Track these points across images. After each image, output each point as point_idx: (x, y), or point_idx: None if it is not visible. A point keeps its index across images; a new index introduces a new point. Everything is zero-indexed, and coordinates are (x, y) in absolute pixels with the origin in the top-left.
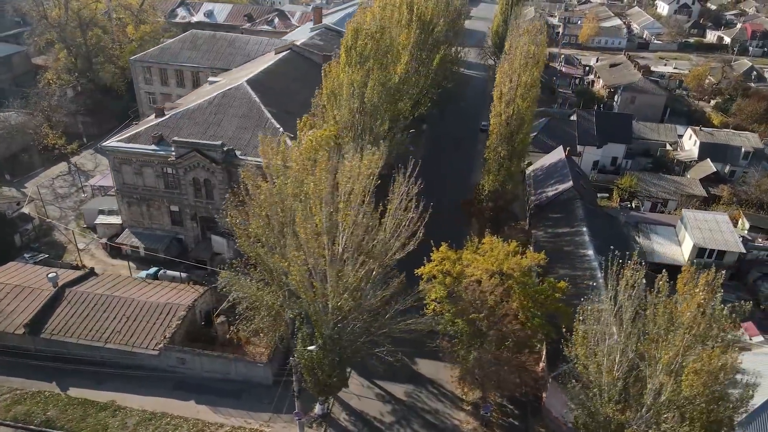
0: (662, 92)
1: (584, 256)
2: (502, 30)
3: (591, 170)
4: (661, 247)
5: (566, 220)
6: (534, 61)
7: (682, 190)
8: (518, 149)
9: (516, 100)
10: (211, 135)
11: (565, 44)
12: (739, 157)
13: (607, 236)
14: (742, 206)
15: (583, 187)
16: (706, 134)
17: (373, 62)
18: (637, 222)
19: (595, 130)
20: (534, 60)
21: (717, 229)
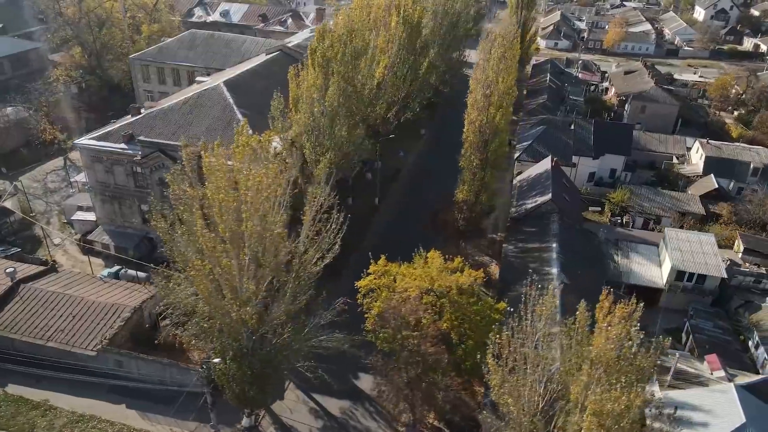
0: (674, 102)
1: (547, 274)
2: None
3: (587, 182)
4: (640, 268)
5: (539, 235)
6: (507, 67)
7: (679, 206)
8: (492, 159)
9: (488, 108)
10: (180, 135)
11: (589, 49)
12: (747, 173)
13: (580, 254)
14: (743, 226)
15: (566, 201)
16: (713, 148)
17: (336, 65)
18: (617, 239)
19: (592, 140)
20: (507, 66)
21: (699, 251)
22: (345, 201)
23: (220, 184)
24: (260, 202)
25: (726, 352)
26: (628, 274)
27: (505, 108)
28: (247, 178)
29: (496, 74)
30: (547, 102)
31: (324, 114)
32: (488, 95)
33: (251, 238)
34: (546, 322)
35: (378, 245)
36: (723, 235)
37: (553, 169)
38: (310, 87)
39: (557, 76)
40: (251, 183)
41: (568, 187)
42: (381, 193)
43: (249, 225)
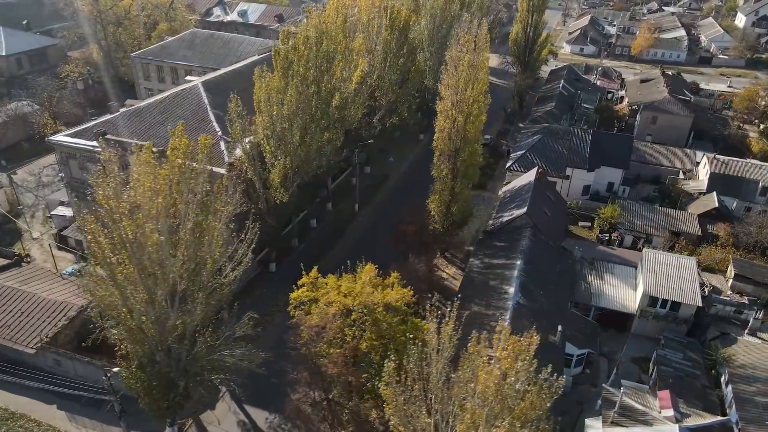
0: (688, 113)
1: (504, 293)
2: (521, 39)
3: (581, 195)
4: (613, 290)
5: (506, 251)
6: (477, 74)
7: (674, 225)
8: (462, 168)
9: (457, 116)
10: (151, 134)
11: (617, 56)
12: (756, 192)
13: (547, 273)
14: (741, 250)
15: (546, 215)
16: (719, 163)
17: (298, 67)
18: (593, 259)
19: (588, 151)
20: (476, 73)
21: (676, 276)
22: (324, 206)
23: (146, 187)
24: (155, 209)
25: (691, 387)
26: (599, 296)
27: (475, 116)
28: (139, 184)
29: (465, 81)
30: (554, 110)
31: (282, 118)
32: (457, 103)
33: (143, 246)
34: (443, 350)
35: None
36: (716, 258)
37: (536, 181)
38: (269, 89)
39: (572, 83)
40: (142, 189)
41: (553, 200)
42: (364, 199)
43: (140, 232)
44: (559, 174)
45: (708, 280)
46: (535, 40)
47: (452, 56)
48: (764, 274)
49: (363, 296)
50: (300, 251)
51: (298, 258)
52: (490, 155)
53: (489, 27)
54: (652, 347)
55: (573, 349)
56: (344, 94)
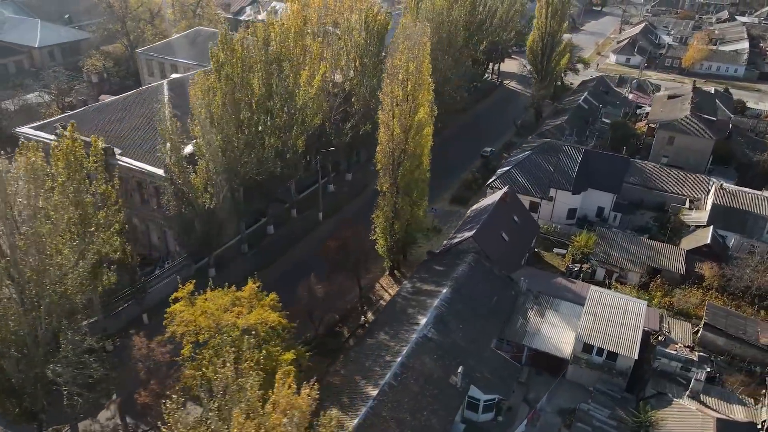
0: (710, 135)
1: (414, 324)
2: (538, 47)
3: (566, 219)
4: (550, 330)
5: (441, 276)
6: (416, 81)
7: (657, 261)
8: (401, 184)
9: (395, 128)
10: (108, 131)
11: (666, 68)
12: (764, 229)
13: (480, 305)
14: (726, 295)
15: (501, 240)
16: (725, 194)
17: (230, 69)
18: (539, 292)
19: (576, 171)
20: (415, 80)
21: (618, 321)
22: (289, 213)
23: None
24: None
25: None
26: (533, 335)
27: (416, 129)
28: None
29: (404, 91)
30: (564, 124)
31: (209, 120)
32: (396, 114)
33: None
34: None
35: (295, 264)
36: (692, 302)
37: (500, 201)
38: (197, 93)
39: (597, 96)
40: None
41: (518, 223)
42: (335, 207)
43: None
44: (543, 194)
45: (670, 327)
46: (553, 48)
47: (392, 64)
48: (740, 326)
49: (215, 318)
50: (248, 258)
51: (243, 264)
52: (485, 168)
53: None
54: (585, 398)
55: (479, 393)
56: (301, 99)
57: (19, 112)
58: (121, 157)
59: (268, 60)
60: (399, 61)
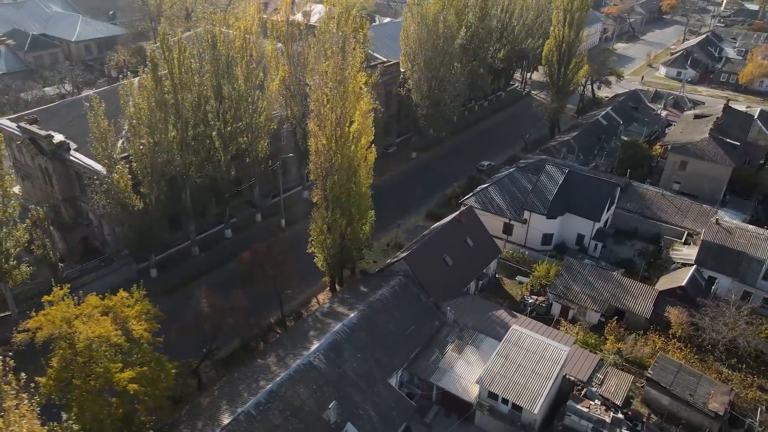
0: (728, 162)
1: (305, 348)
2: (553, 56)
3: (541, 245)
4: (464, 369)
5: (360, 297)
6: (341, 89)
7: (621, 300)
8: (330, 197)
9: (320, 138)
10: (70, 128)
11: (721, 84)
12: (759, 274)
13: (390, 334)
14: (691, 347)
15: (443, 264)
16: (721, 230)
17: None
18: (464, 325)
19: (554, 193)
20: (345, 87)
21: (529, 367)
22: (253, 218)
23: None
24: None
25: None
26: (443, 373)
27: (343, 139)
28: None
29: (330, 99)
30: (572, 141)
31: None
32: (322, 126)
33: None
34: None
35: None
36: (645, 352)
37: (453, 221)
38: (125, 93)
39: (624, 112)
40: None
41: (471, 246)
42: (305, 214)
43: None
44: (516, 216)
45: (607, 378)
46: (570, 58)
47: (318, 71)
48: (690, 386)
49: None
50: (198, 260)
51: (189, 267)
52: (471, 184)
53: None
54: None
55: None
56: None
57: (32, 104)
58: (74, 153)
59: (216, 61)
60: (325, 68)
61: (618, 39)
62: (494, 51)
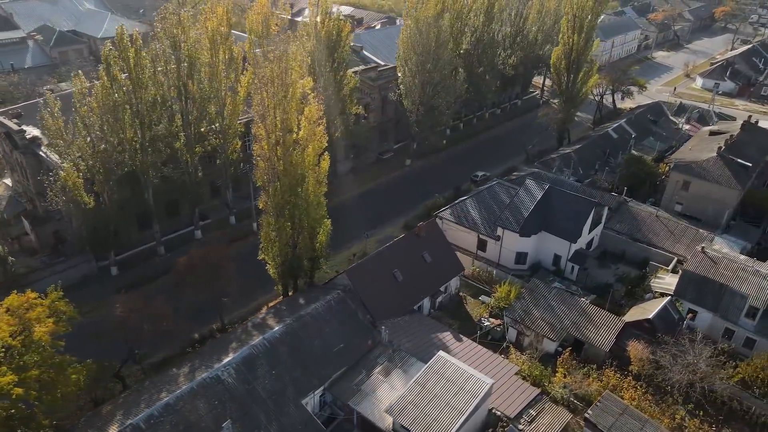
0: (735, 185)
1: (215, 362)
2: (562, 64)
3: (514, 264)
4: (387, 394)
5: (293, 310)
6: (287, 93)
7: (581, 330)
8: (274, 205)
9: (263, 144)
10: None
11: (762, 97)
12: (742, 311)
13: (312, 352)
14: (647, 388)
15: (392, 279)
16: (704, 260)
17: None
18: (397, 347)
19: (531, 210)
20: (286, 92)
21: (445, 400)
22: (227, 219)
23: None
24: None
25: None
26: (363, 397)
27: (284, 148)
28: None
29: (275, 104)
30: (572, 154)
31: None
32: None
33: None
34: None
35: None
36: (593, 389)
37: (411, 234)
38: (79, 92)
39: (640, 125)
40: None
41: (428, 262)
42: None
43: None
44: (489, 233)
45: (541, 414)
46: (579, 66)
47: (259, 75)
48: (633, 430)
49: None
50: (163, 260)
51: (152, 267)
52: (456, 195)
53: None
54: None
55: None
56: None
57: None
58: (45, 149)
59: (177, 61)
60: (268, 72)
61: (659, 47)
62: (504, 57)
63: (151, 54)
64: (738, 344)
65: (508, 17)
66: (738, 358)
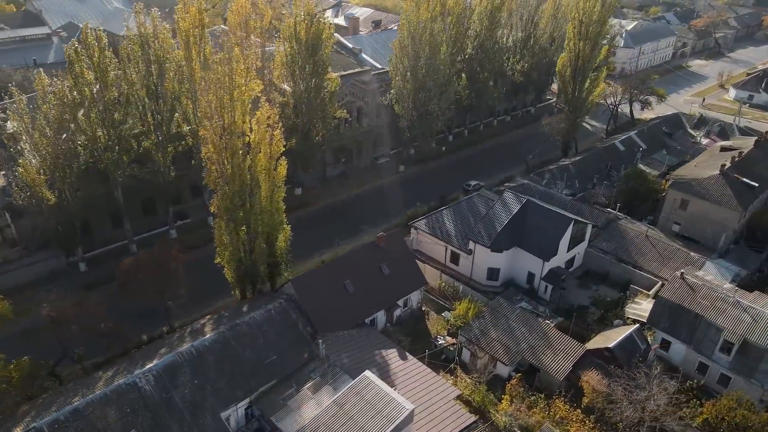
0: (735, 206)
1: (142, 365)
2: (567, 72)
3: (487, 280)
4: (309, 412)
5: (233, 317)
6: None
7: (537, 356)
8: (221, 208)
9: (210, 148)
10: None
11: None
12: (716, 344)
13: (241, 364)
14: (600, 423)
15: (343, 291)
16: (683, 286)
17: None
18: (333, 364)
19: (504, 225)
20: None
21: (359, 424)
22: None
23: None
24: None
25: None
26: (288, 413)
27: (231, 151)
28: None
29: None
30: (570, 166)
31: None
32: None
33: None
34: None
35: None
36: (531, 422)
37: (371, 245)
38: (41, 89)
39: (653, 137)
40: None
41: (386, 274)
42: None
43: None
44: (462, 246)
45: None
46: (585, 75)
47: (206, 78)
48: None
49: None
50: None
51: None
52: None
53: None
54: None
55: None
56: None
57: None
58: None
59: (146, 62)
60: (212, 75)
61: (697, 55)
62: (513, 63)
63: (124, 53)
64: (712, 381)
65: (518, 22)
66: (711, 396)
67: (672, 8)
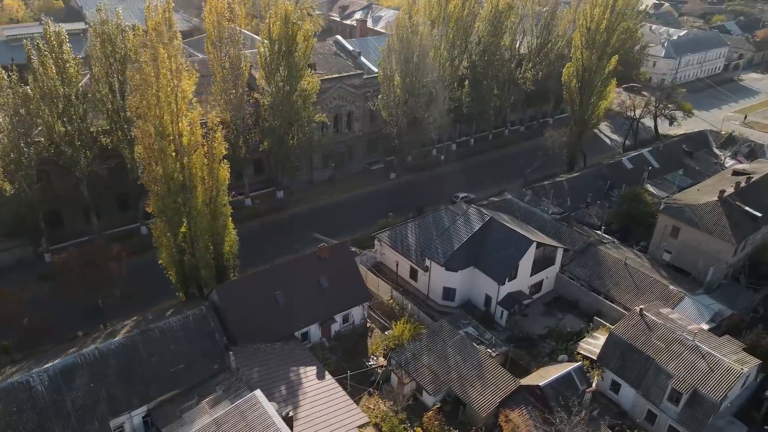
0: (729, 237)
1: (48, 365)
2: (573, 83)
3: (442, 299)
4: (200, 426)
5: (153, 322)
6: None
7: (464, 390)
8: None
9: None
10: None
11: None
12: (665, 393)
13: (143, 369)
14: None
15: (274, 303)
16: (640, 324)
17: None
18: (241, 377)
19: (462, 243)
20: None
21: None
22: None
23: None
24: None
25: None
26: (179, 426)
27: (159, 153)
28: None
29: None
30: (564, 183)
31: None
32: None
33: None
34: None
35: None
36: None
37: (312, 255)
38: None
39: (668, 156)
40: None
41: (324, 287)
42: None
43: None
44: (418, 262)
45: None
46: (591, 86)
47: (132, 78)
48: None
49: None
50: None
51: None
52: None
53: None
54: None
55: None
56: None
57: None
58: None
59: (106, 59)
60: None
61: (754, 68)
62: (525, 71)
63: (90, 51)
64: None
65: (532, 28)
66: None
67: (737, 17)
